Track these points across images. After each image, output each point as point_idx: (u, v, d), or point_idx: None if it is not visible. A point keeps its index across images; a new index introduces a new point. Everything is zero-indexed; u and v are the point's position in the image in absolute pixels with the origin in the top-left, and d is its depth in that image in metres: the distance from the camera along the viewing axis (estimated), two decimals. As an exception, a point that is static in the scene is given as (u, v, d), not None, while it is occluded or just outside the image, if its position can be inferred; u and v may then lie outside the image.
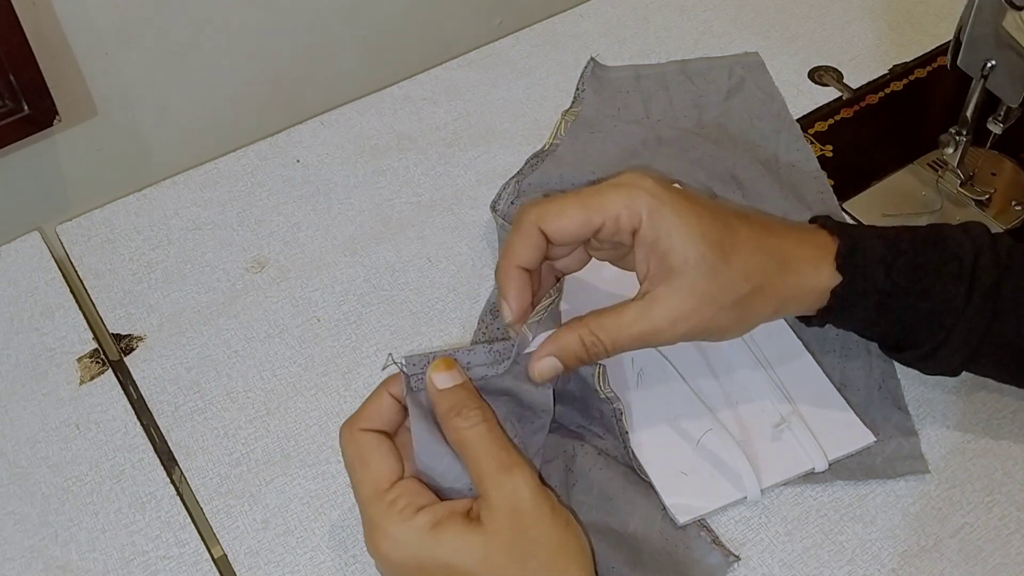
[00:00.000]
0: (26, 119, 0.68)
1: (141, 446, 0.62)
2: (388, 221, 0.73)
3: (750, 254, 0.52)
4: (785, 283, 0.54)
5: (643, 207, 0.52)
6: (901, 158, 0.76)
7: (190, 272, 0.70)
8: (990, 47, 0.65)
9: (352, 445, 0.50)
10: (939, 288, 0.54)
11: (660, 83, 0.80)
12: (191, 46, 0.76)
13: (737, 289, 0.52)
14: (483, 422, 0.49)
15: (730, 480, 0.58)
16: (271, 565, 0.57)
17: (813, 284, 0.54)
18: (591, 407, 0.59)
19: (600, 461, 0.58)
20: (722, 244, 0.52)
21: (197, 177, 0.76)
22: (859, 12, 0.87)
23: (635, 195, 0.52)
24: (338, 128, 0.79)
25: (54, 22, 0.69)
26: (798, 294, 0.54)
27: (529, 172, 0.73)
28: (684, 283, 0.51)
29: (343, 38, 0.83)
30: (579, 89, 0.80)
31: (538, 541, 0.47)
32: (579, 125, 0.77)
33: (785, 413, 0.60)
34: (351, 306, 0.68)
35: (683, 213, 0.52)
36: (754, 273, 0.52)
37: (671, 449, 0.59)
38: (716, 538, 0.57)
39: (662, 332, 0.52)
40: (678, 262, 0.51)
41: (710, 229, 0.52)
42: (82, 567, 0.57)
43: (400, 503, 0.48)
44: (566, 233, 0.53)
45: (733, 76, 0.81)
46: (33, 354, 0.66)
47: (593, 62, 0.81)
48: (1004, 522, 0.58)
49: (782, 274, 0.53)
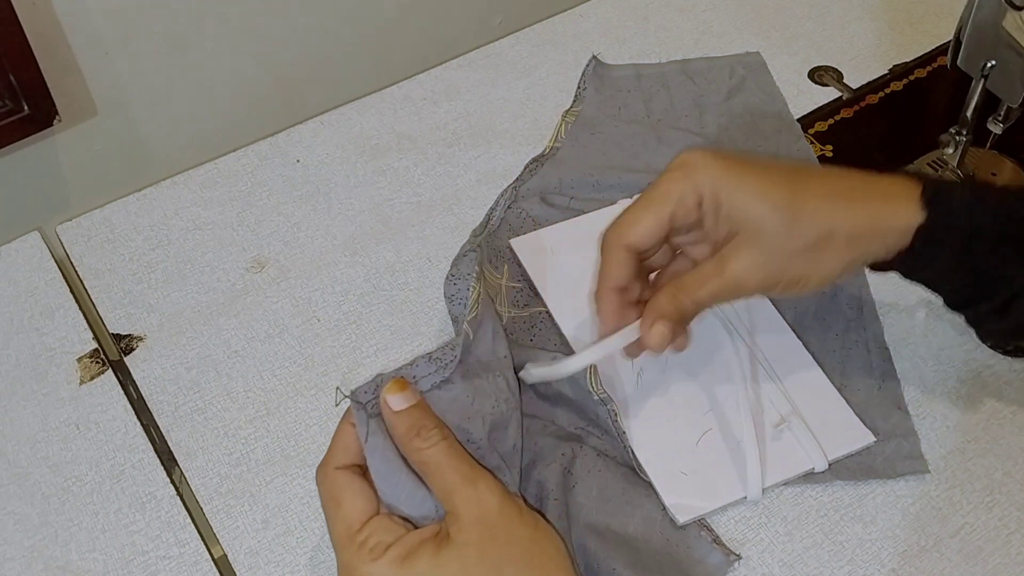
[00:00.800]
0: (26, 119, 0.68)
1: (141, 446, 0.62)
2: (388, 221, 0.73)
3: (819, 200, 0.53)
4: (858, 219, 0.53)
5: (701, 179, 0.53)
6: (901, 158, 0.75)
7: (190, 272, 0.70)
8: (990, 47, 0.65)
9: (326, 485, 0.50)
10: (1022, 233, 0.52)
11: (661, 82, 0.81)
12: (191, 46, 0.76)
13: (807, 233, 0.52)
14: (443, 440, 0.49)
15: (730, 480, 0.58)
16: (271, 565, 0.57)
17: (894, 221, 0.53)
18: (587, 410, 0.59)
19: (599, 463, 0.58)
20: (787, 193, 0.52)
21: (197, 177, 0.76)
22: (859, 12, 0.87)
23: (690, 171, 0.53)
24: (338, 128, 0.79)
25: (54, 22, 0.69)
26: (876, 231, 0.53)
27: (528, 177, 0.73)
28: (751, 235, 0.52)
29: (343, 38, 0.83)
30: (580, 87, 0.80)
31: (510, 542, 0.48)
32: (579, 126, 0.77)
33: (785, 413, 0.60)
34: (351, 306, 0.68)
35: (742, 174, 0.53)
36: (824, 217, 0.52)
37: (671, 449, 0.59)
38: (717, 537, 0.57)
39: (738, 285, 0.53)
40: (744, 218, 0.52)
41: (773, 183, 0.52)
42: (82, 567, 0.57)
43: (370, 542, 0.47)
44: (648, 237, 0.54)
45: (734, 76, 0.81)
46: (33, 354, 0.66)
47: (595, 60, 0.81)
48: (1004, 522, 0.58)
49: (854, 211, 0.53)
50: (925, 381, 0.63)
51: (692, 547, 0.56)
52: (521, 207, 0.71)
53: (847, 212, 0.53)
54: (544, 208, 0.71)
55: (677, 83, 0.80)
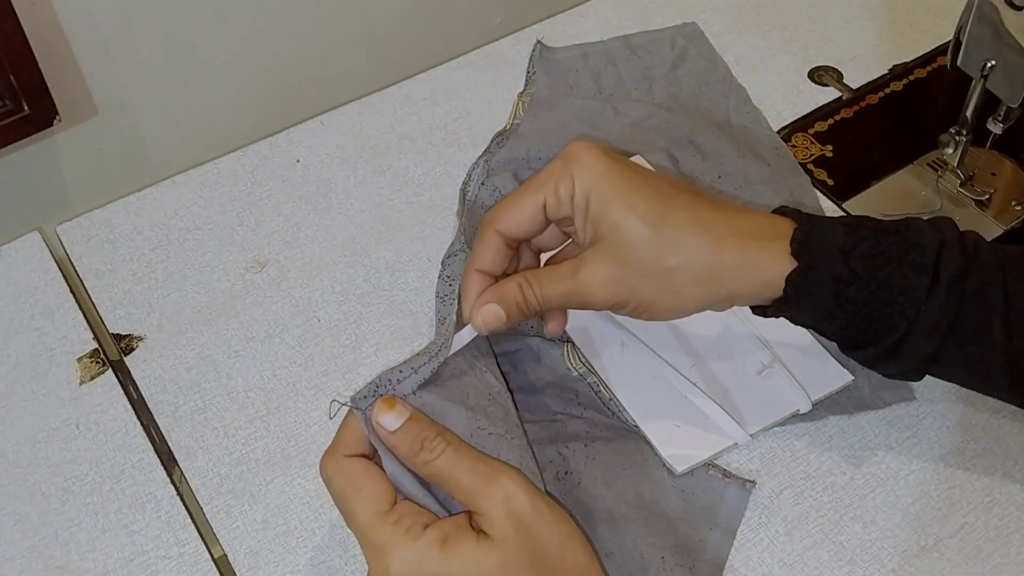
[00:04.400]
0: (26, 119, 0.68)
1: (141, 446, 0.62)
2: (388, 221, 0.73)
3: (683, 228, 0.51)
4: (721, 262, 0.51)
5: (579, 173, 0.51)
6: (901, 158, 0.76)
7: (190, 272, 0.70)
8: (990, 47, 0.65)
9: (340, 473, 0.48)
10: (899, 277, 0.51)
11: (607, 59, 0.82)
12: (191, 46, 0.76)
13: (662, 260, 0.51)
14: (448, 446, 0.47)
15: (721, 428, 0.59)
16: (271, 565, 0.57)
17: (764, 269, 0.51)
18: (566, 389, 0.60)
19: (591, 451, 0.59)
20: (653, 213, 0.51)
21: (197, 177, 0.76)
22: (859, 12, 0.87)
23: (569, 164, 0.52)
24: (338, 128, 0.79)
25: (54, 22, 0.69)
26: (744, 277, 0.51)
27: (496, 150, 0.74)
28: (610, 246, 0.51)
29: (343, 38, 0.83)
30: (530, 72, 0.81)
31: (547, 541, 0.47)
32: (535, 105, 0.78)
33: (767, 361, 0.62)
34: (351, 306, 0.68)
35: (618, 180, 0.51)
36: (683, 246, 0.51)
37: (660, 404, 0.60)
38: (726, 472, 0.58)
39: (588, 293, 0.52)
40: (607, 227, 0.51)
41: (643, 198, 0.51)
42: (82, 567, 0.57)
43: (405, 521, 0.46)
44: (518, 225, 0.53)
45: (675, 46, 0.83)
46: (33, 354, 0.66)
47: (540, 45, 0.83)
48: (1004, 522, 0.58)
49: (718, 252, 0.51)
50: (925, 381, 0.62)
51: (709, 488, 0.58)
52: (494, 184, 0.72)
53: (705, 248, 0.51)
54: (516, 185, 0.72)
55: (622, 58, 0.82)
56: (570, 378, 0.58)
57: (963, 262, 0.51)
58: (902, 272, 0.51)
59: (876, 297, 0.51)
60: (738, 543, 0.57)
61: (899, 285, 0.51)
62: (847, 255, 0.51)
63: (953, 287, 0.51)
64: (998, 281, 0.51)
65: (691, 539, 0.56)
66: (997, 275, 0.51)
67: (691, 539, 0.56)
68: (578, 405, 0.61)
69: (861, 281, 0.51)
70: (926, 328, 0.51)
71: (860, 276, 0.51)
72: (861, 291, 0.51)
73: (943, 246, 0.51)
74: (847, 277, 0.51)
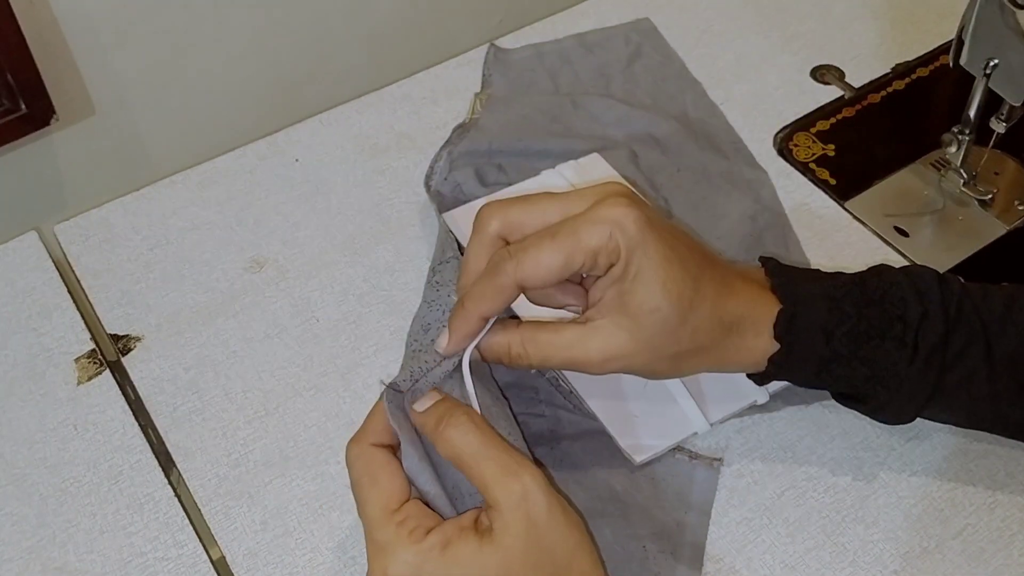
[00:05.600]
0: (23, 118, 0.68)
1: (139, 447, 0.62)
2: (387, 221, 0.73)
3: (705, 317, 0.51)
4: (726, 345, 0.53)
5: (624, 246, 0.49)
6: (903, 157, 0.75)
7: (188, 272, 0.70)
8: (993, 46, 0.64)
9: (361, 461, 0.48)
10: (881, 354, 0.52)
11: (562, 58, 0.83)
12: (189, 45, 0.76)
13: (681, 345, 0.51)
14: (472, 424, 0.47)
15: (679, 417, 0.60)
16: (270, 567, 0.57)
17: (752, 348, 0.53)
18: (526, 388, 0.60)
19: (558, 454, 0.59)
20: (682, 300, 0.50)
21: (195, 176, 0.76)
22: (861, 11, 0.86)
23: (617, 233, 0.48)
24: (337, 127, 0.79)
25: (52, 21, 0.68)
26: (737, 356, 0.53)
27: (458, 141, 0.75)
28: (632, 326, 0.50)
29: (343, 37, 0.83)
30: (486, 74, 0.81)
31: (554, 548, 0.46)
32: (493, 103, 0.79)
33: None
34: (350, 306, 0.68)
35: (657, 257, 0.49)
36: (702, 334, 0.51)
37: (618, 397, 0.60)
38: (692, 453, 0.59)
39: (593, 364, 0.51)
40: (634, 305, 0.49)
41: (677, 281, 0.50)
42: (80, 568, 0.57)
43: (409, 524, 0.46)
44: (546, 283, 0.49)
45: (630, 43, 0.83)
46: (31, 354, 0.66)
47: (494, 47, 0.83)
48: (1007, 523, 0.57)
49: (727, 336, 0.52)
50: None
51: (678, 473, 0.58)
52: (456, 179, 0.72)
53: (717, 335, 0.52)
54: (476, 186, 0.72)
55: (578, 56, 0.83)
56: (528, 375, 0.58)
57: (944, 329, 0.52)
58: (884, 349, 0.53)
59: (858, 373, 0.53)
60: (740, 544, 0.57)
61: (881, 361, 0.53)
62: (830, 336, 0.53)
63: (933, 358, 0.52)
64: (980, 338, 0.53)
65: (668, 524, 0.57)
66: (979, 333, 0.53)
67: (668, 524, 0.57)
68: (540, 403, 0.61)
69: (843, 359, 0.53)
70: (907, 394, 0.53)
71: (842, 355, 0.53)
72: (843, 368, 0.53)
73: (924, 318, 0.52)
74: (829, 356, 0.53)
